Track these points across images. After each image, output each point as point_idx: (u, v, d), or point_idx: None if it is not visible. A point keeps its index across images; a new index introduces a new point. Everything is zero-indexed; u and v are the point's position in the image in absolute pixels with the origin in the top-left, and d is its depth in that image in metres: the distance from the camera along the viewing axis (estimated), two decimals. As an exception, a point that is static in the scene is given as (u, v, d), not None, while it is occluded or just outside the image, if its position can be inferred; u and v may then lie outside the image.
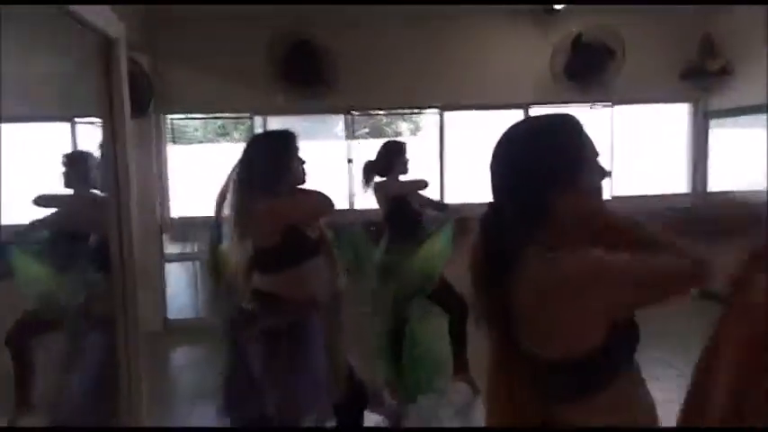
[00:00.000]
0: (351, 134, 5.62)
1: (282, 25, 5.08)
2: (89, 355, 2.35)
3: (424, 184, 3.72)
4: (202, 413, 3.71)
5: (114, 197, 1.28)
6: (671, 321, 3.44)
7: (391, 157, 3.57)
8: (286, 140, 2.40)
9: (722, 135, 5.67)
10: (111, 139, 1.28)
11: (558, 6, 5.31)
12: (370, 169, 3.61)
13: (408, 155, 3.64)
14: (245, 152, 2.37)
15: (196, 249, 5.35)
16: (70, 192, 2.91)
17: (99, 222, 2.70)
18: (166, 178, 5.45)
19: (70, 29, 1.20)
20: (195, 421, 3.61)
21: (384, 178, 3.63)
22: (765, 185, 5.18)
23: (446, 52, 5.49)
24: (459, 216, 3.61)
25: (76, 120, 4.32)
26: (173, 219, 5.44)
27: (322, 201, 2.41)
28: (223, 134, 11.82)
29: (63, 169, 2.94)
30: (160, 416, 3.55)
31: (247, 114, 5.56)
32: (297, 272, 2.35)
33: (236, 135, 11.78)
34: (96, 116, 1.30)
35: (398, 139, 4.20)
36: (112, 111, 1.28)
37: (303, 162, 2.44)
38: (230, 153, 2.66)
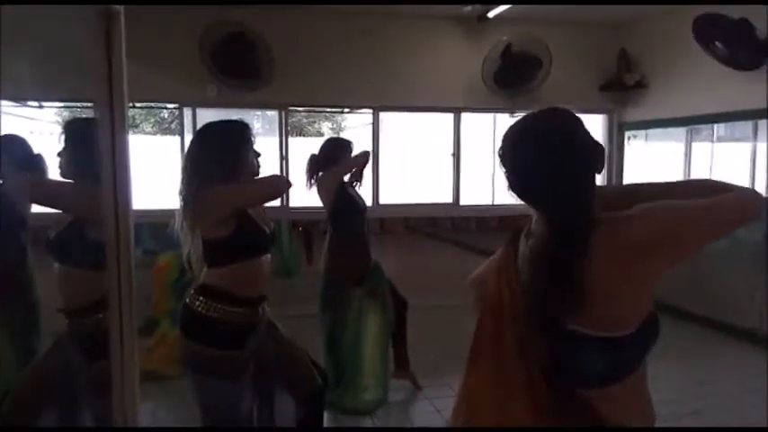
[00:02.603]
0: (284, 130, 5.52)
1: (216, 16, 4.92)
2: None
3: (366, 156, 3.64)
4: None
5: (111, 187, 1.20)
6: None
7: (338, 153, 3.52)
8: (243, 130, 2.31)
9: (636, 146, 6.07)
10: (110, 124, 1.19)
11: (489, 15, 5.48)
12: (315, 163, 3.54)
13: (353, 153, 3.61)
14: (200, 139, 2.26)
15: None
16: None
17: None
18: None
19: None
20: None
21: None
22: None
23: (380, 55, 5.53)
24: None
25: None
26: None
27: (276, 180, 2.35)
28: (132, 125, 11.24)
29: None
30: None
31: (176, 105, 5.34)
32: (250, 266, 2.25)
33: (147, 128, 11.23)
34: (90, 99, 1.21)
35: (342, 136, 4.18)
36: (112, 93, 1.19)
37: (258, 155, 2.38)
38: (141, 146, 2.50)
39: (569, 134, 1.24)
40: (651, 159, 5.93)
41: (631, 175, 6.08)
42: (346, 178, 3.58)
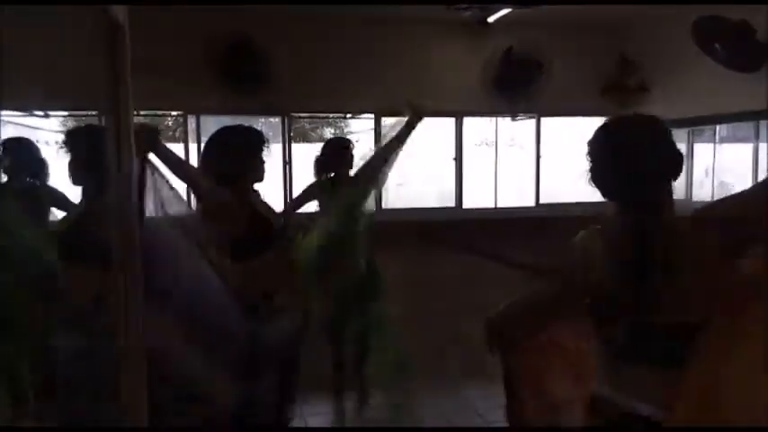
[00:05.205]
0: (287, 136, 5.56)
1: (219, 24, 4.97)
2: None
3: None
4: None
5: (118, 196, 1.23)
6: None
7: (339, 152, 3.55)
8: (259, 138, 2.42)
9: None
10: (116, 134, 1.23)
11: (490, 19, 5.51)
12: (322, 165, 3.56)
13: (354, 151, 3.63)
14: (217, 143, 2.34)
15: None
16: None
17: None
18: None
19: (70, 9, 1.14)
20: None
21: (332, 174, 3.56)
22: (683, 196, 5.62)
23: (381, 61, 5.56)
24: None
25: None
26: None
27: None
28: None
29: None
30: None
31: (180, 112, 5.38)
32: (268, 260, 2.31)
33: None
34: (94, 109, 1.25)
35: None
36: (118, 104, 1.23)
37: (263, 162, 2.46)
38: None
39: (658, 142, 1.38)
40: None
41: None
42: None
